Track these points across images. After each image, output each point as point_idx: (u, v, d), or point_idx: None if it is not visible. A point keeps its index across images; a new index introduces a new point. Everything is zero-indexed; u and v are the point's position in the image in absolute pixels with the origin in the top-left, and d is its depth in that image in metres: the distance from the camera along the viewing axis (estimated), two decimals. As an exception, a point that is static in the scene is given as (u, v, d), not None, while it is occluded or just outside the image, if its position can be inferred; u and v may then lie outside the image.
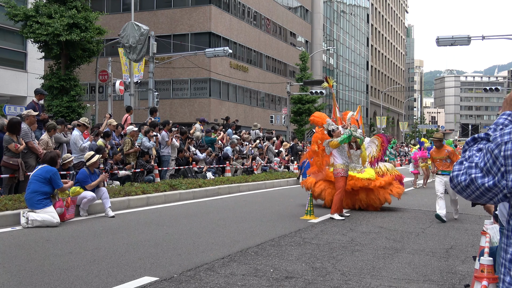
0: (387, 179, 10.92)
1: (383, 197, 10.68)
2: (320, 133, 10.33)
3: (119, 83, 23.67)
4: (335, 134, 9.80)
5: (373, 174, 10.96)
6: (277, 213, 9.93)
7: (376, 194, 10.64)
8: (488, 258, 3.00)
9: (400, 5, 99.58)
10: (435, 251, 6.53)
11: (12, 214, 7.95)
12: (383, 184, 10.67)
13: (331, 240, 7.10)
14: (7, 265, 5.29)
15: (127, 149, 12.72)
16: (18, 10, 19.75)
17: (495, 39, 70.70)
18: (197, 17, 37.29)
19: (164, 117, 28.32)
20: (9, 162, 9.30)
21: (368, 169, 11.19)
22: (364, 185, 10.52)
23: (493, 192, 1.61)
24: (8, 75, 24.25)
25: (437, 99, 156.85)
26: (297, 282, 4.83)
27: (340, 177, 9.70)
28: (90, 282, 4.70)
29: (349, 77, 69.24)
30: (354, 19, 71.39)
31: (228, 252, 6.09)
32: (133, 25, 18.98)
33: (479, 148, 1.70)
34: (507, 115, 1.77)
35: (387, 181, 10.79)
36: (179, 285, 4.63)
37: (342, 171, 9.69)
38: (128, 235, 7.20)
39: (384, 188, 10.69)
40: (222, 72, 37.67)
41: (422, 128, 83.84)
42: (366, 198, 10.69)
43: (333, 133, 9.83)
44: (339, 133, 9.83)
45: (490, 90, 35.39)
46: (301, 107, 40.17)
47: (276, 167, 20.62)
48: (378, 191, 10.63)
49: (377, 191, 10.62)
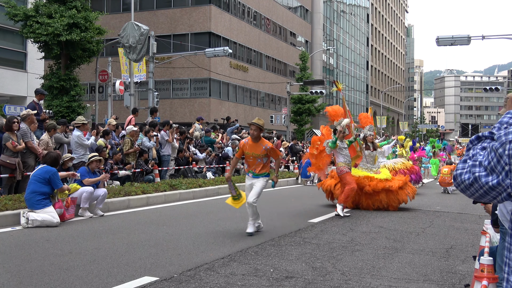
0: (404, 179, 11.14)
1: (401, 198, 10.81)
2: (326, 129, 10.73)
3: (119, 83, 23.67)
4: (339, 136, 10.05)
5: (389, 174, 11.17)
6: (277, 213, 9.93)
7: (395, 194, 10.76)
8: (488, 258, 3.00)
9: (400, 5, 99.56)
10: (435, 251, 6.52)
11: (12, 214, 7.94)
12: (402, 184, 10.81)
13: (331, 240, 7.10)
14: (7, 265, 5.29)
15: (127, 149, 12.71)
16: (18, 10, 19.75)
17: (495, 39, 70.73)
18: (197, 17, 37.29)
19: (164, 117, 28.30)
20: (6, 161, 9.29)
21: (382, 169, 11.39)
22: (385, 186, 10.64)
23: (496, 191, 1.61)
24: (8, 75, 24.24)
25: (437, 99, 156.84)
26: (297, 282, 4.82)
27: (344, 174, 9.94)
28: (90, 282, 4.69)
29: (349, 77, 69.22)
30: (354, 19, 71.37)
31: (228, 252, 6.08)
32: (133, 25, 18.98)
33: (483, 146, 1.69)
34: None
35: (404, 181, 10.95)
36: (179, 285, 4.62)
37: (344, 168, 9.95)
38: (128, 235, 7.19)
39: (403, 188, 10.82)
40: (222, 72, 37.67)
41: (422, 128, 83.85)
42: (386, 198, 10.80)
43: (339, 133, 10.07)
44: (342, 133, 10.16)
45: (490, 90, 35.40)
46: (301, 107, 40.18)
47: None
48: (397, 192, 10.75)
49: (396, 192, 10.74)
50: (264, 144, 7.36)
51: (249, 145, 7.43)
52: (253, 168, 7.42)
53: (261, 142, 7.38)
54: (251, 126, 7.38)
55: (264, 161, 7.43)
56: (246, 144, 7.48)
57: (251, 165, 7.45)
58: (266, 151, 7.36)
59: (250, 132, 7.44)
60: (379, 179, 10.72)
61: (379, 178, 10.73)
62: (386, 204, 10.80)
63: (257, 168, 7.39)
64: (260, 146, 7.35)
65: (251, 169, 7.46)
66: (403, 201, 10.88)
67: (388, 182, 10.70)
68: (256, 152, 7.35)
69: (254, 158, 7.40)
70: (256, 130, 7.35)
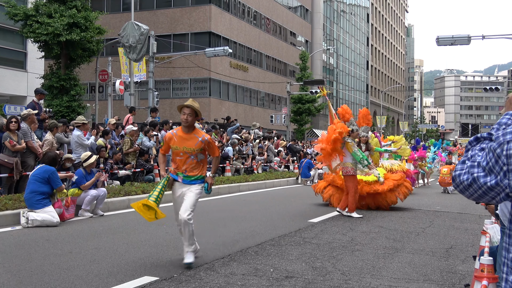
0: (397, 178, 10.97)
1: (390, 199, 10.75)
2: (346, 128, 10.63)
3: (119, 83, 23.68)
4: (352, 135, 10.02)
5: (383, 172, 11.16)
6: (277, 213, 9.93)
7: (383, 197, 10.69)
8: (488, 258, 3.00)
9: (400, 5, 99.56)
10: (435, 250, 6.52)
11: (12, 214, 7.95)
12: (392, 186, 10.66)
13: (331, 239, 7.10)
14: (7, 265, 5.29)
15: (126, 148, 12.72)
16: (18, 9, 19.75)
17: (495, 39, 70.73)
18: (197, 16, 37.29)
19: (164, 117, 28.30)
20: (4, 160, 9.28)
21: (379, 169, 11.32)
22: (370, 191, 10.56)
23: (495, 191, 1.61)
24: (8, 75, 24.24)
25: (437, 99, 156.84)
26: (297, 282, 4.82)
27: (349, 176, 9.77)
28: (90, 282, 4.69)
29: (349, 77, 69.22)
30: (354, 19, 71.37)
31: (228, 252, 6.08)
32: (133, 25, 18.98)
33: (481, 147, 1.70)
34: (510, 115, 1.77)
35: (396, 183, 10.78)
36: (179, 285, 4.62)
37: (351, 170, 9.76)
38: (128, 235, 7.20)
39: (393, 190, 10.71)
40: (222, 72, 37.67)
41: (422, 127, 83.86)
42: (373, 201, 10.78)
43: (352, 133, 10.02)
44: (357, 135, 10.24)
45: (490, 89, 35.43)
46: (301, 106, 40.19)
47: (276, 167, 20.63)
48: (386, 194, 10.67)
49: (384, 194, 10.66)
50: (199, 136, 5.49)
51: (178, 136, 5.52)
52: (183, 168, 5.52)
53: (195, 133, 5.52)
54: (184, 109, 5.42)
55: (199, 158, 5.56)
56: (174, 135, 5.57)
57: (181, 165, 5.53)
58: (202, 145, 5.48)
59: (182, 118, 5.42)
60: (366, 182, 10.57)
61: (366, 181, 10.57)
62: (375, 206, 10.78)
63: (188, 168, 5.52)
64: (194, 138, 5.48)
65: (180, 170, 5.54)
66: (392, 203, 10.82)
67: (375, 186, 10.53)
68: (188, 146, 5.46)
69: (186, 155, 5.49)
70: (191, 114, 5.43)
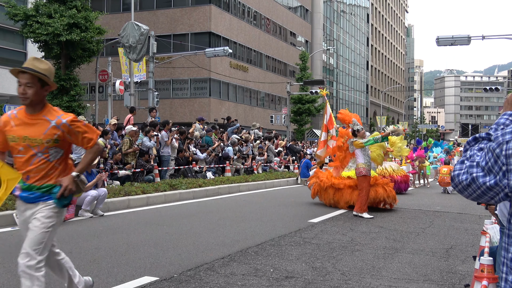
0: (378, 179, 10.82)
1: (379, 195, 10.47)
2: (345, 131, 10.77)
3: (119, 83, 23.67)
4: (359, 134, 9.99)
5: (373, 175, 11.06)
6: (277, 213, 9.93)
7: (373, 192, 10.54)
8: (488, 258, 3.01)
9: (400, 5, 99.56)
10: (435, 251, 6.52)
11: (12, 214, 7.94)
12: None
13: (331, 240, 7.10)
14: (7, 265, 5.29)
15: (126, 148, 12.72)
16: (18, 9, 19.77)
17: (495, 39, 70.68)
18: (197, 16, 37.29)
19: (164, 117, 28.32)
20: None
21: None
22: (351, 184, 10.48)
23: (494, 191, 1.61)
24: (8, 75, 24.05)
25: (437, 99, 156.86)
26: (297, 282, 4.82)
27: (362, 177, 9.79)
28: (90, 282, 4.68)
29: (349, 77, 69.23)
30: (354, 19, 71.38)
31: (228, 252, 6.09)
32: (133, 25, 18.98)
33: (480, 147, 1.70)
34: (508, 115, 1.77)
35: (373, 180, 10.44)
36: (179, 285, 4.63)
37: (363, 170, 9.77)
38: (128, 235, 7.20)
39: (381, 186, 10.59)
40: (222, 72, 37.68)
41: (422, 128, 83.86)
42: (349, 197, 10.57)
43: (358, 133, 10.01)
44: (364, 134, 10.07)
45: (490, 90, 35.40)
46: (301, 107, 40.19)
47: (276, 167, 20.64)
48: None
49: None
50: (52, 118, 3.39)
51: (18, 120, 3.42)
52: (25, 174, 3.51)
53: (46, 114, 3.41)
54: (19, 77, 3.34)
55: (52, 156, 3.45)
56: (11, 119, 3.45)
57: (21, 167, 3.52)
58: (58, 133, 3.39)
59: (19, 90, 3.33)
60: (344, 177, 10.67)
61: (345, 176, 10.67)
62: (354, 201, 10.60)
63: (31, 174, 3.48)
64: (43, 122, 3.39)
65: (22, 177, 3.53)
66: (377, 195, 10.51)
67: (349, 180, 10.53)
68: (32, 136, 3.38)
69: (29, 151, 3.43)
70: (32, 85, 3.32)
